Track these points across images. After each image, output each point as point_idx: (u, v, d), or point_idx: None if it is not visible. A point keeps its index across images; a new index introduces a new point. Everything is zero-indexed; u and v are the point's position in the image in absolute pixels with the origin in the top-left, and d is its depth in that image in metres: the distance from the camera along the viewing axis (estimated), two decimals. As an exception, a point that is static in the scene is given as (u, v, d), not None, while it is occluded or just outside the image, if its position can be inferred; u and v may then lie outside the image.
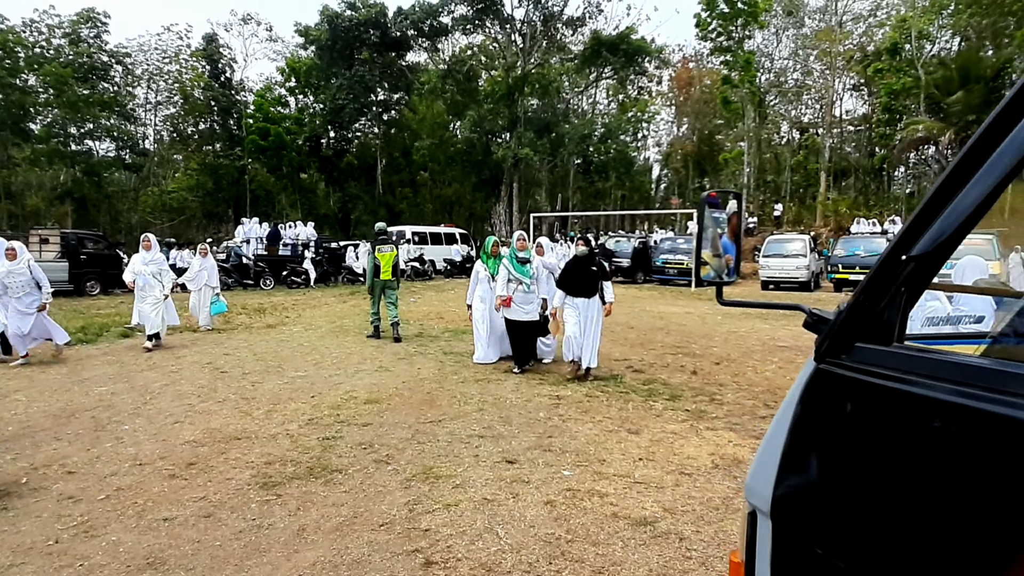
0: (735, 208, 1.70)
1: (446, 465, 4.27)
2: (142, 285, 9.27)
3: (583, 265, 7.03)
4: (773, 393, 6.57)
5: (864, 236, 22.38)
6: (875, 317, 1.11)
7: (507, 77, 36.27)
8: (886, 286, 1.09)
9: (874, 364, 1.06)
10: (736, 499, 3.69)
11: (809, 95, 44.05)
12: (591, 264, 7.04)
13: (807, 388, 1.22)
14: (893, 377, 1.01)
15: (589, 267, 7.00)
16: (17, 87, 32.19)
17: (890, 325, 1.08)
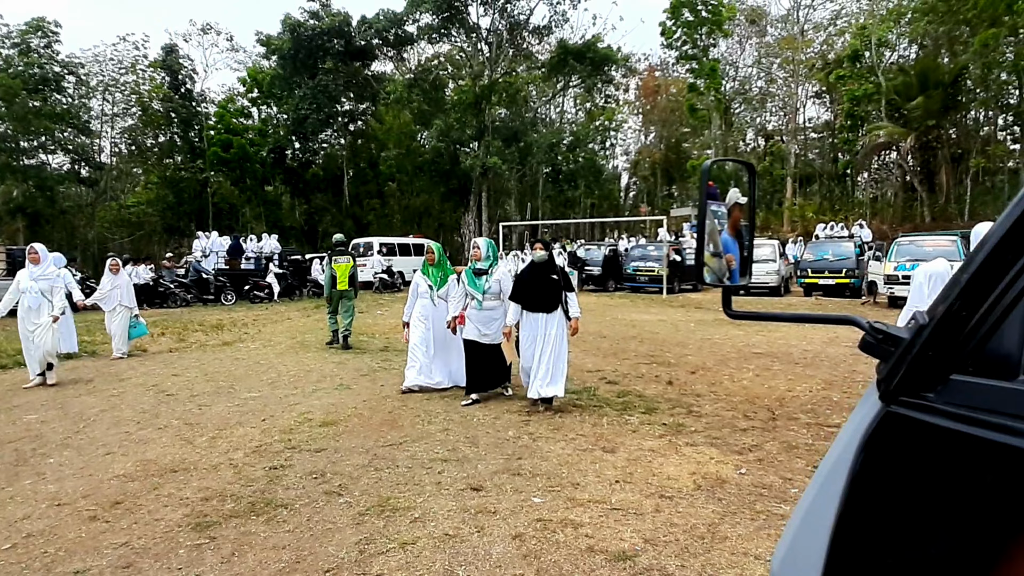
0: (737, 198, 1.34)
1: (405, 495, 3.87)
2: (28, 306, 7.81)
3: (541, 273, 5.95)
4: (751, 403, 6.30)
5: (832, 240, 22.50)
6: (983, 338, 0.74)
7: (474, 86, 36.01)
8: (1000, 291, 0.72)
9: (986, 407, 0.70)
10: (723, 525, 3.36)
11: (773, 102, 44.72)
12: (551, 272, 5.95)
13: (872, 440, 0.86)
14: None
15: (548, 275, 5.92)
16: (-38, 100, 30.98)
17: (1010, 350, 0.71)
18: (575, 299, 6.05)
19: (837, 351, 9.65)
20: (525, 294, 5.95)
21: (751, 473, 4.19)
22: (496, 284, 6.31)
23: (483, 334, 6.33)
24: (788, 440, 4.96)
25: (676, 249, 24.70)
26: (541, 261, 6.02)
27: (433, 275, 6.98)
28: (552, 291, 5.93)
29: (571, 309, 6.00)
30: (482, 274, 6.38)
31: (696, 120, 40.07)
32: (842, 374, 7.80)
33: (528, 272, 6.05)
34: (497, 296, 6.31)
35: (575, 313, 6.01)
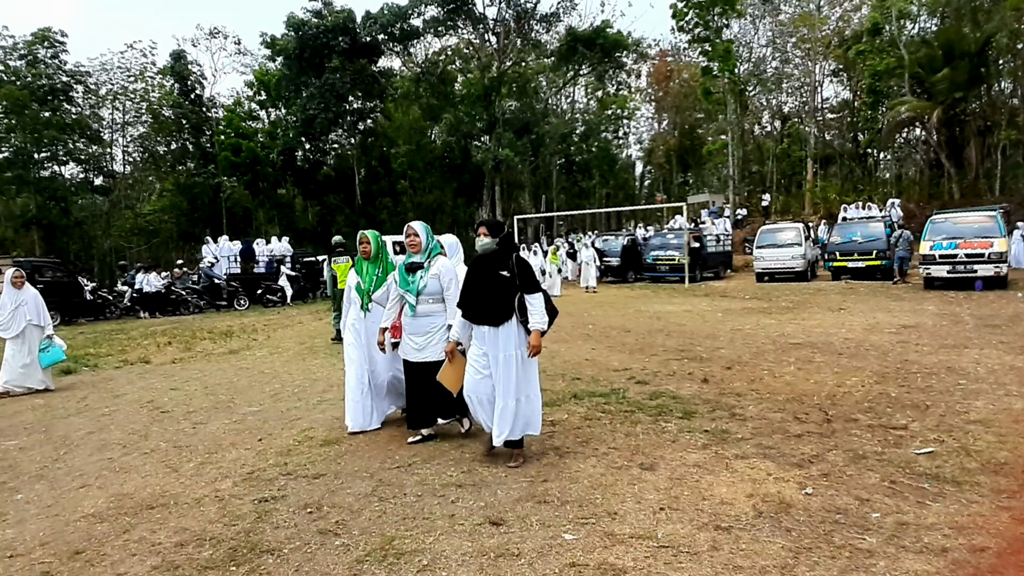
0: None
1: (412, 533, 3.29)
2: None
3: (487, 270, 4.31)
4: (800, 402, 5.66)
5: (860, 221, 21.60)
6: None
7: (482, 78, 35.39)
8: None
9: None
10: (799, 567, 2.75)
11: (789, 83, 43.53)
12: (500, 267, 4.28)
13: None
14: None
15: (496, 273, 4.26)
16: (-26, 113, 30.93)
17: None
18: (540, 303, 4.24)
19: (881, 339, 8.95)
20: (466, 300, 4.38)
21: (819, 493, 3.56)
22: (434, 281, 4.70)
23: (418, 348, 4.76)
24: (853, 448, 4.31)
25: (696, 236, 23.93)
26: (486, 252, 4.32)
27: (368, 273, 5.31)
28: (501, 295, 4.22)
29: (532, 318, 4.21)
30: (417, 269, 4.75)
31: (711, 104, 39.12)
32: (893, 365, 7.12)
33: (473, 269, 4.43)
34: (437, 297, 4.74)
35: (538, 323, 4.20)
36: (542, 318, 4.22)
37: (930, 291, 15.36)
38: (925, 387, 6.04)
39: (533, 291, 4.21)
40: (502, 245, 4.31)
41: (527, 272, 4.25)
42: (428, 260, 4.78)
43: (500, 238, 4.31)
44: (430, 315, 4.76)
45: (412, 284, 4.72)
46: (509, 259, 4.27)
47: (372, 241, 5.31)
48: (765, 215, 34.64)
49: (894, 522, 3.17)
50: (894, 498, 3.47)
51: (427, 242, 4.79)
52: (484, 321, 4.27)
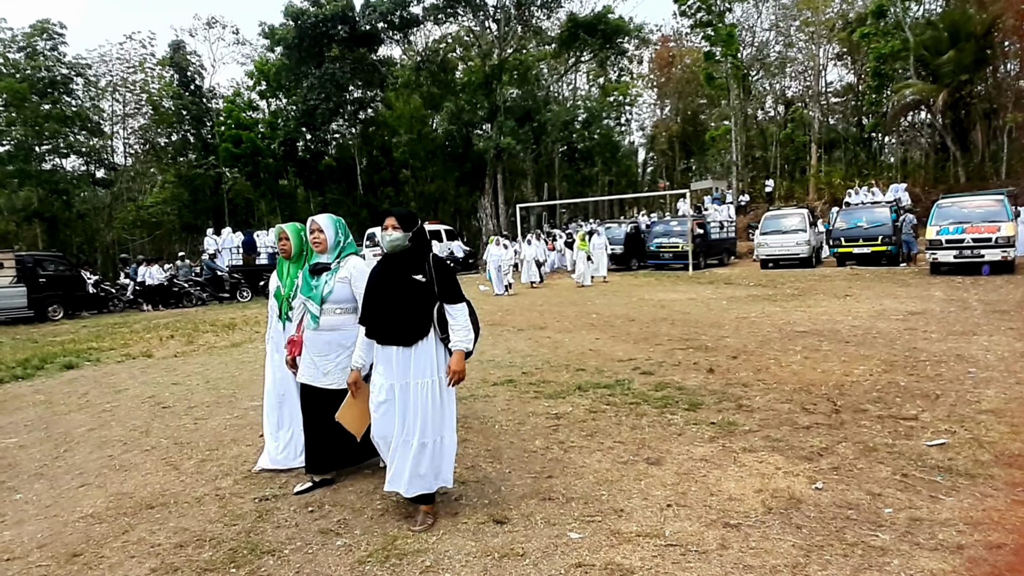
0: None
1: (414, 533, 3.24)
2: None
3: (397, 273, 3.38)
4: (807, 392, 5.58)
5: (865, 207, 21.42)
6: None
7: (483, 66, 35.12)
8: None
9: None
10: (810, 565, 2.68)
11: (793, 67, 43.13)
12: (414, 270, 3.36)
13: None
14: None
15: (408, 277, 3.34)
16: (-26, 107, 30.84)
17: None
18: (464, 316, 3.36)
19: (888, 326, 8.85)
20: (370, 313, 3.42)
21: (829, 488, 3.49)
22: (343, 287, 3.77)
23: (321, 371, 3.81)
24: (863, 440, 4.24)
25: (700, 223, 23.80)
26: (396, 251, 3.36)
27: (290, 275, 4.24)
28: (414, 306, 3.30)
29: (454, 334, 3.34)
30: (322, 271, 3.83)
31: (713, 90, 38.82)
32: (902, 353, 7.02)
33: (376, 274, 3.48)
34: (347, 307, 3.80)
35: (460, 342, 3.32)
36: (467, 335, 3.33)
37: (937, 276, 15.24)
38: (935, 376, 5.95)
39: (455, 300, 3.35)
40: (415, 242, 3.36)
41: (447, 276, 3.38)
42: (338, 260, 3.84)
43: (413, 233, 3.34)
44: (337, 329, 3.78)
45: (315, 290, 3.78)
46: (424, 260, 3.37)
47: (292, 237, 4.24)
48: (769, 201, 34.45)
49: (907, 518, 3.10)
50: (906, 492, 3.40)
51: (336, 238, 3.86)
52: (392, 340, 3.30)
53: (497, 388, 6.33)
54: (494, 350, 8.64)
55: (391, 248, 3.34)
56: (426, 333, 3.31)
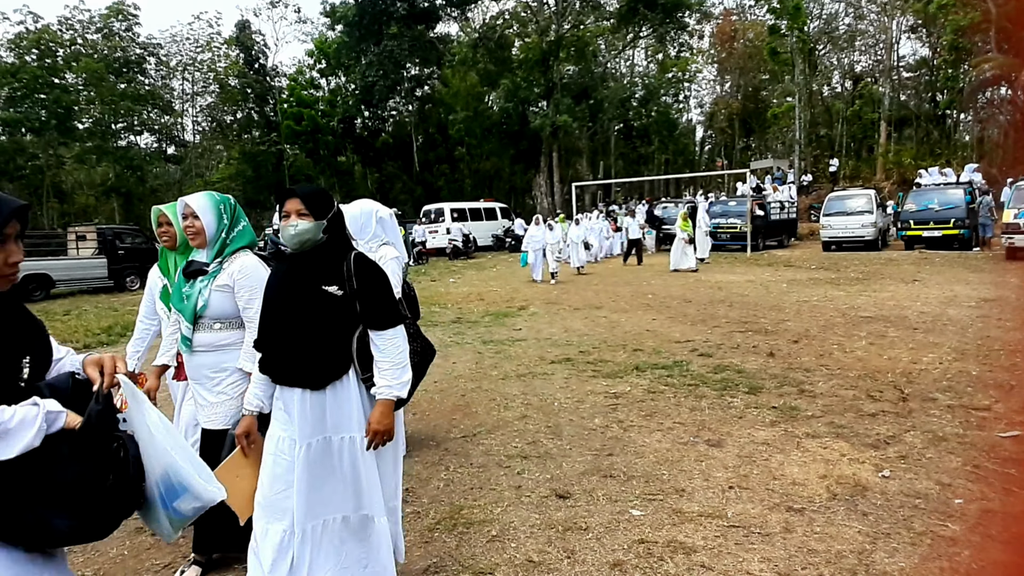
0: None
1: (480, 504, 3.36)
2: None
3: (303, 282, 2.31)
4: (873, 379, 5.47)
5: (938, 188, 20.47)
6: None
7: (541, 42, 34.79)
8: None
9: None
10: (877, 552, 2.68)
11: (862, 40, 41.25)
12: (326, 277, 2.29)
13: None
14: None
15: (319, 288, 2.27)
16: (58, 86, 32.38)
17: None
18: (396, 347, 2.32)
19: (960, 313, 8.53)
20: (265, 338, 2.39)
21: (897, 476, 3.45)
22: (223, 296, 2.69)
23: (204, 405, 2.75)
24: (932, 429, 4.15)
25: (760, 204, 23.20)
26: (304, 246, 2.28)
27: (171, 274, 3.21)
28: (324, 330, 2.30)
29: (380, 376, 2.30)
30: (198, 275, 2.73)
31: (777, 65, 37.54)
32: (974, 341, 6.78)
33: (273, 282, 2.43)
34: (230, 322, 2.72)
35: (387, 388, 2.28)
36: (398, 375, 2.28)
37: (1013, 262, 14.52)
38: (1009, 365, 5.74)
39: (386, 323, 2.29)
40: (331, 236, 2.31)
41: (376, 287, 2.30)
42: (219, 260, 2.73)
43: (328, 222, 2.29)
44: (218, 350, 2.71)
45: (187, 302, 2.69)
46: (343, 262, 2.29)
47: (171, 219, 3.05)
48: (833, 181, 33.28)
49: (979, 509, 3.05)
50: (978, 484, 3.33)
51: (219, 227, 2.74)
52: (293, 379, 2.29)
53: (555, 366, 6.42)
54: (551, 328, 8.72)
55: (296, 245, 2.25)
56: (343, 371, 2.28)
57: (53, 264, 16.64)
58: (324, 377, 2.26)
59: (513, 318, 9.85)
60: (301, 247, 2.25)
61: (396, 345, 2.30)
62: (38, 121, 31.53)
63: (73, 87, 33.58)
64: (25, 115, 31.06)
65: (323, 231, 2.26)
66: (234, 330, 2.72)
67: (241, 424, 2.39)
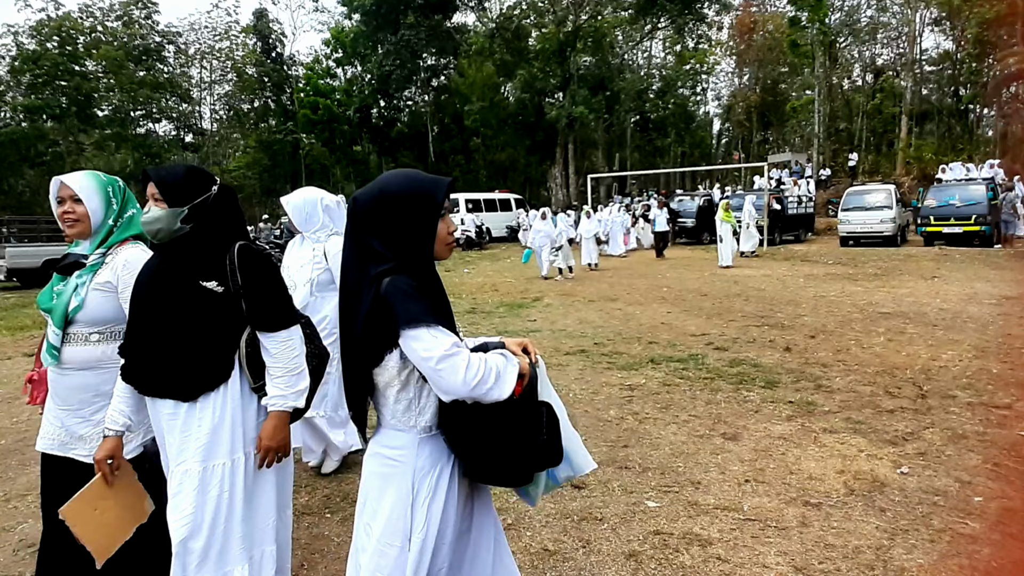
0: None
1: (495, 492, 3.37)
2: None
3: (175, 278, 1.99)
4: (891, 375, 5.42)
5: (959, 184, 20.17)
6: None
7: (558, 33, 34.60)
8: None
9: None
10: (895, 548, 2.67)
11: (885, 33, 40.64)
12: (205, 273, 1.97)
13: None
14: None
15: (196, 283, 1.96)
16: (78, 73, 32.68)
17: None
18: (291, 350, 2.02)
19: (980, 310, 8.42)
20: (131, 341, 2.02)
21: (915, 473, 3.42)
22: (104, 299, 2.17)
23: (72, 434, 2.18)
24: (951, 426, 4.11)
25: (777, 198, 22.99)
26: (162, 238, 1.96)
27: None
28: (200, 334, 1.97)
29: (272, 383, 2.01)
30: (73, 270, 2.22)
31: (797, 58, 37.06)
32: (994, 339, 6.70)
33: (145, 274, 2.05)
34: (113, 331, 2.18)
35: (279, 398, 2.00)
36: (293, 383, 2.00)
37: (1036, 259, 14.32)
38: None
39: (278, 324, 2.00)
40: (201, 225, 1.97)
41: (266, 281, 2.01)
42: (102, 252, 2.22)
43: (191, 210, 1.94)
44: (95, 368, 2.16)
45: (59, 303, 2.16)
46: (224, 255, 1.98)
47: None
48: (852, 176, 32.90)
49: (999, 507, 3.02)
50: (998, 482, 3.30)
51: (105, 213, 2.24)
52: (161, 389, 1.96)
53: (570, 358, 6.42)
54: (565, 320, 8.72)
55: (150, 235, 1.96)
56: (221, 379, 1.96)
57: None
58: (196, 387, 1.93)
59: (528, 309, 9.86)
60: (157, 238, 1.95)
61: (290, 348, 2.00)
62: (59, 108, 31.86)
63: (93, 74, 33.89)
64: (46, 102, 31.39)
65: (183, 220, 1.92)
66: (115, 342, 2.13)
67: (102, 447, 1.99)
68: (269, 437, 1.97)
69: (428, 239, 1.56)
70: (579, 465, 1.70)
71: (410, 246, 1.54)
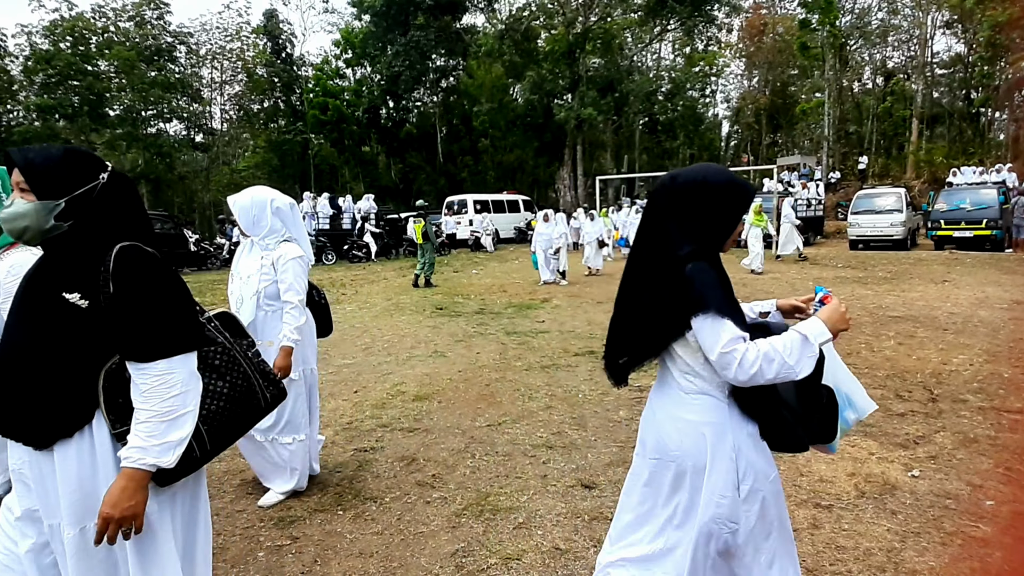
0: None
1: (506, 491, 3.40)
2: None
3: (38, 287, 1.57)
4: (902, 379, 5.41)
5: (970, 187, 20.06)
6: None
7: (567, 34, 34.58)
8: None
9: None
10: (906, 551, 2.67)
11: (896, 35, 40.42)
12: (69, 283, 1.54)
13: None
14: None
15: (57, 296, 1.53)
16: (90, 73, 32.89)
17: None
18: (169, 387, 1.52)
19: (991, 315, 8.38)
20: None
21: (927, 476, 3.42)
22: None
23: None
24: (962, 430, 4.10)
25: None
26: (28, 238, 1.55)
27: None
28: (54, 360, 1.53)
29: (137, 429, 1.51)
30: None
31: (807, 60, 36.88)
32: (1006, 343, 6.66)
33: (21, 286, 1.61)
34: None
35: (139, 453, 1.49)
36: (164, 432, 1.52)
37: (1048, 264, 14.22)
38: (1043, 369, 5.64)
39: (153, 349, 1.54)
40: (77, 219, 1.56)
41: (143, 292, 1.55)
42: None
43: (71, 202, 1.54)
44: None
45: None
46: (98, 263, 1.54)
47: None
48: (861, 179, 32.75)
49: (1010, 511, 3.01)
50: (1010, 486, 3.29)
51: None
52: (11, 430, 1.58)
53: (579, 359, 6.43)
54: (574, 321, 8.73)
55: (23, 237, 1.55)
56: (79, 421, 1.55)
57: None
58: (47, 429, 1.53)
59: (536, 310, 9.87)
60: (24, 239, 1.54)
61: (166, 385, 1.52)
62: (71, 107, 32.06)
63: (105, 74, 34.07)
64: (59, 101, 31.60)
65: (58, 216, 1.51)
66: None
67: None
68: (111, 504, 1.47)
69: (730, 231, 1.70)
70: (862, 407, 1.81)
71: (713, 234, 1.67)
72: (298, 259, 3.09)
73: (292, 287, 3.13)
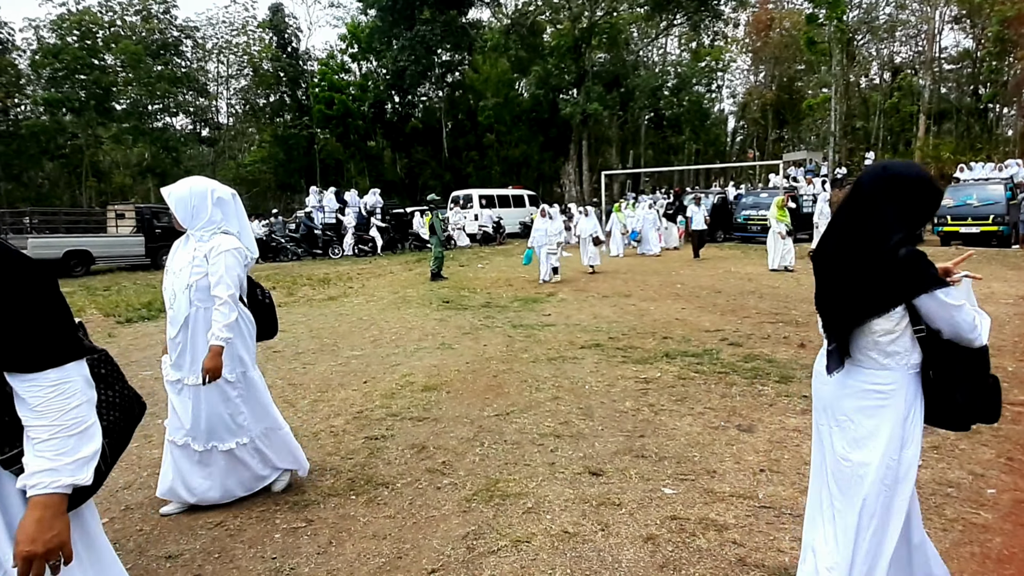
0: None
1: (515, 478, 3.46)
2: None
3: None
4: (906, 372, 5.44)
5: (977, 183, 20.00)
6: None
7: (573, 29, 34.54)
8: None
9: None
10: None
11: (903, 30, 40.24)
12: None
13: None
14: None
15: None
16: (97, 67, 33.02)
17: None
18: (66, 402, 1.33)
19: (996, 310, 8.39)
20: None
21: (929, 466, 3.47)
22: None
23: None
24: (965, 422, 4.15)
25: (792, 196, 22.88)
26: None
27: None
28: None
29: (33, 455, 1.31)
30: None
31: (814, 55, 36.75)
32: (1010, 338, 6.70)
33: None
34: None
35: (51, 476, 1.30)
36: (75, 448, 1.35)
37: (1054, 260, 14.20)
38: (1047, 363, 5.68)
39: (41, 358, 1.32)
40: None
41: (24, 290, 1.31)
42: None
43: None
44: None
45: None
46: None
47: None
48: (868, 175, 32.59)
49: (1011, 499, 3.07)
50: (1012, 475, 3.34)
51: None
52: None
53: (585, 351, 6.49)
54: (579, 315, 8.79)
55: None
56: None
57: (93, 241, 17.12)
58: None
59: (542, 304, 9.93)
60: None
61: (63, 396, 1.33)
62: (78, 101, 32.20)
63: (112, 68, 34.21)
64: (66, 95, 31.74)
65: None
66: None
67: None
68: (30, 540, 1.27)
69: (927, 222, 2.04)
70: None
71: (918, 223, 1.95)
72: (231, 251, 2.90)
73: (223, 280, 2.92)
